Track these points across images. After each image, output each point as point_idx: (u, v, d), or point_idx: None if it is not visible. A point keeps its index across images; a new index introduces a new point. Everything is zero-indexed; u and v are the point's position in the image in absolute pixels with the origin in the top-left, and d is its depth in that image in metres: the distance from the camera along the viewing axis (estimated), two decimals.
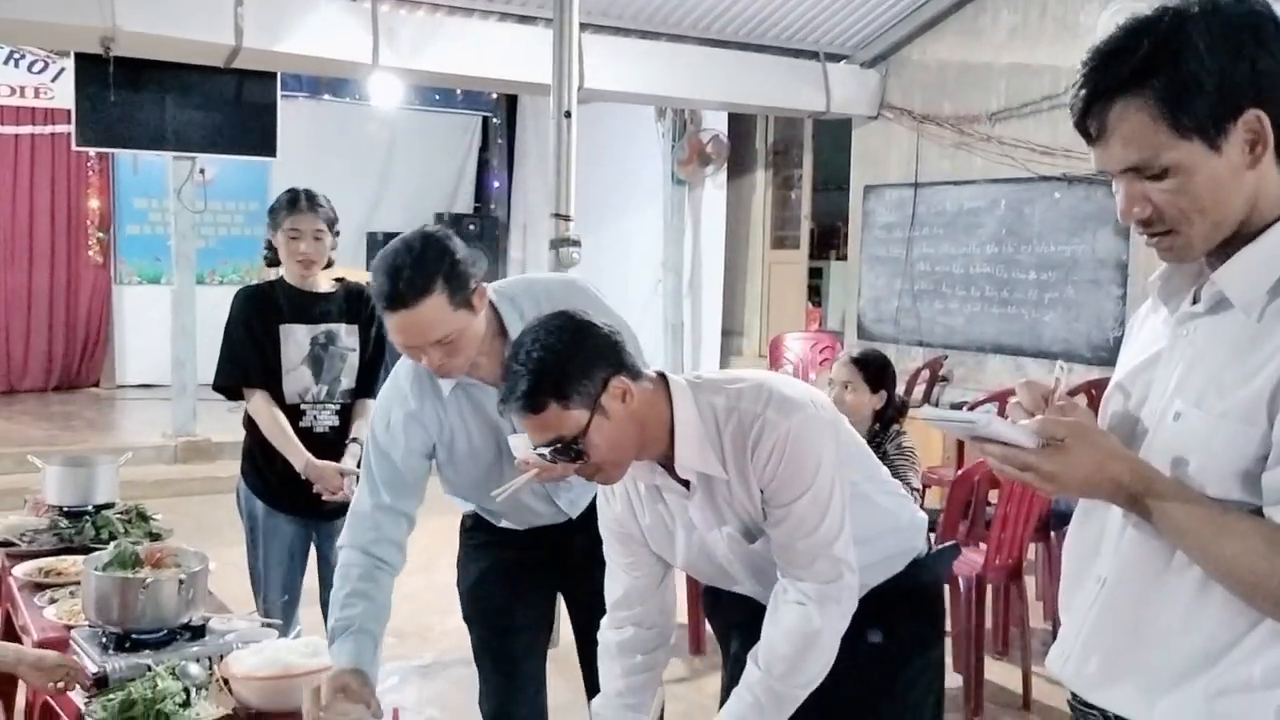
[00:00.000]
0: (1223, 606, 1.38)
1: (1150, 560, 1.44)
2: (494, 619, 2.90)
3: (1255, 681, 1.37)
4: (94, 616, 2.80)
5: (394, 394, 2.60)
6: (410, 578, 2.72)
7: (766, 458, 1.93)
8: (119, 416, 9.65)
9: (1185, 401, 1.42)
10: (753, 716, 1.95)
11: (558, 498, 2.72)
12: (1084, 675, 1.53)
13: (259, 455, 3.62)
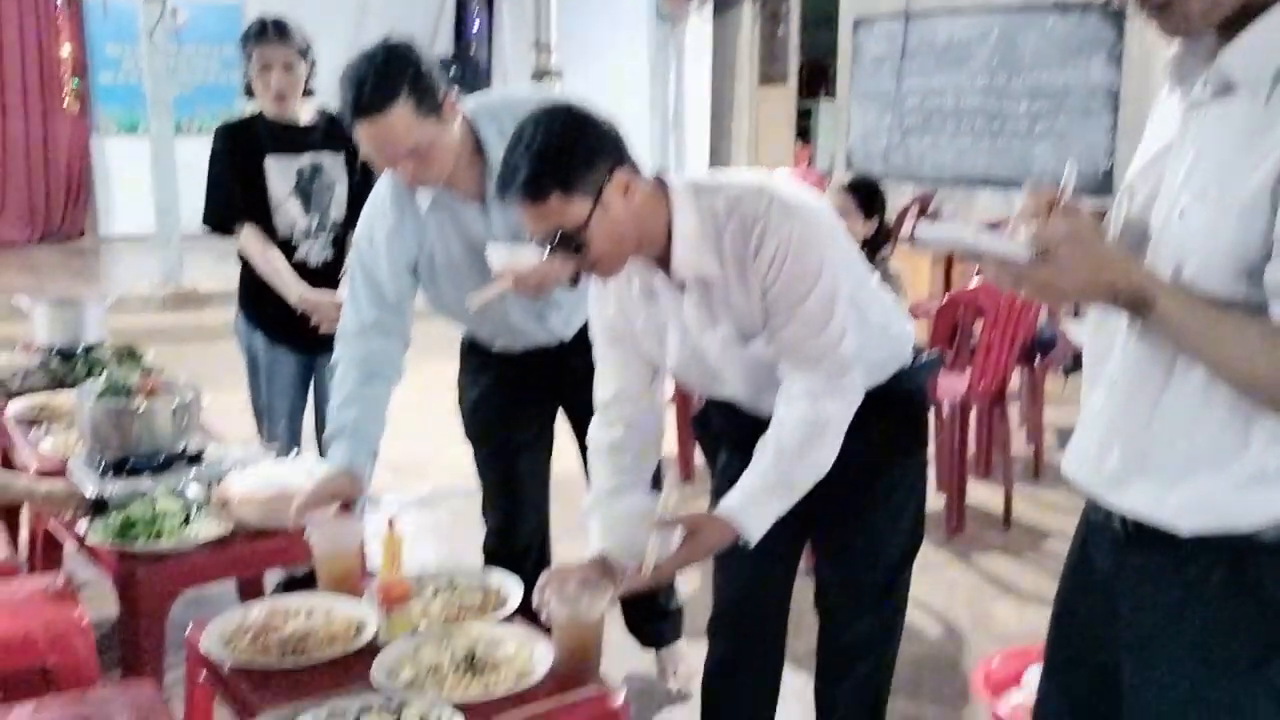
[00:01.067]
0: (1230, 404, 1.37)
1: (1155, 361, 1.44)
2: (495, 435, 2.96)
3: (1270, 475, 1.36)
4: (90, 444, 2.83)
5: (375, 210, 2.62)
6: (406, 414, 2.76)
7: (770, 260, 1.92)
8: (106, 267, 9.60)
9: (1191, 196, 1.38)
10: (762, 497, 1.99)
11: (547, 318, 2.73)
12: (1101, 475, 1.52)
13: (255, 290, 3.61)
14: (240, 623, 2.14)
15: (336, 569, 2.30)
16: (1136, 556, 1.51)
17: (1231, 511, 1.38)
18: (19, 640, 2.30)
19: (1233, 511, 1.38)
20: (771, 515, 1.99)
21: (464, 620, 2.15)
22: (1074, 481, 1.59)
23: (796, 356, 1.99)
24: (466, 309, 2.57)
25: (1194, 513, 1.40)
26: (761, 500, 1.99)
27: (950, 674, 3.30)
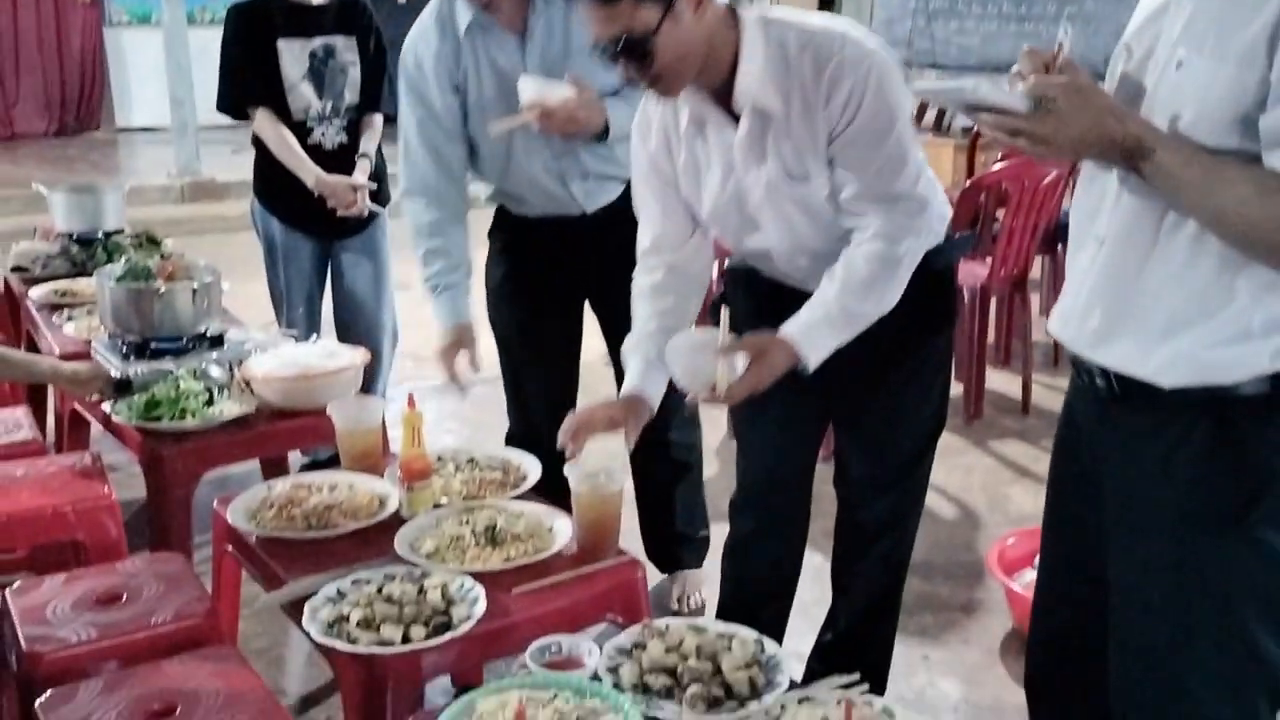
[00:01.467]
0: (1218, 261, 1.39)
1: (1145, 218, 1.44)
2: (517, 320, 2.92)
3: (1254, 330, 1.39)
4: (112, 327, 2.86)
5: (418, 34, 2.67)
6: (425, 306, 2.75)
7: (845, 101, 1.88)
8: (122, 159, 9.56)
9: (1188, 49, 1.38)
10: (823, 327, 1.97)
11: (569, 181, 2.69)
12: (1084, 333, 1.55)
13: (270, 175, 3.59)
14: (265, 497, 2.18)
15: (358, 446, 2.33)
16: (1120, 416, 1.53)
17: (1214, 366, 1.41)
18: (49, 515, 2.35)
19: (1215, 366, 1.41)
20: (830, 345, 1.97)
21: (484, 496, 2.18)
22: (1060, 339, 1.61)
23: (872, 197, 1.95)
24: (489, 135, 2.58)
25: (1176, 367, 1.43)
26: (823, 329, 1.97)
27: (965, 554, 3.34)
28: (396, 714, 1.72)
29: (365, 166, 3.56)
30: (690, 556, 3.08)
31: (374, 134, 3.64)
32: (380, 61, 3.64)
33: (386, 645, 1.70)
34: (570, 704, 1.51)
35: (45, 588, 2.03)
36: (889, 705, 1.56)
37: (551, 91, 2.45)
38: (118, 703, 1.69)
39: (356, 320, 3.71)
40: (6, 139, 9.88)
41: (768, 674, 1.64)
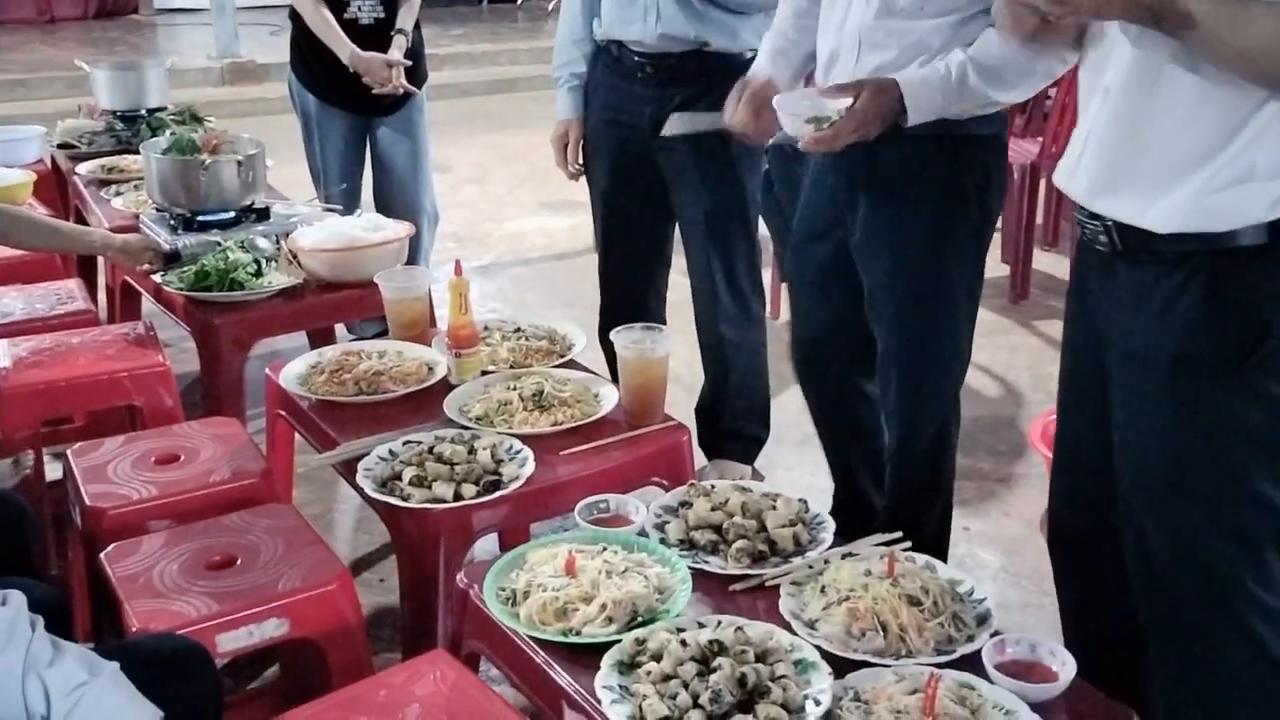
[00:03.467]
0: (1221, 101, 1.41)
1: (1149, 66, 1.46)
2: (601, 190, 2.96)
3: (1258, 171, 1.41)
4: (159, 200, 2.88)
5: None
6: (464, 188, 2.79)
7: None
8: (162, 40, 9.50)
9: None
10: (936, 86, 1.95)
11: (647, 13, 2.67)
12: (1087, 184, 1.57)
13: (307, 49, 3.57)
14: (316, 363, 2.21)
15: (406, 315, 2.35)
16: (1122, 270, 1.56)
17: (1212, 211, 1.43)
18: (105, 381, 2.40)
19: (1214, 211, 1.43)
20: (935, 108, 1.96)
21: (531, 364, 2.20)
22: (1064, 190, 1.63)
23: None
24: None
25: (1176, 214, 1.46)
26: (934, 89, 1.95)
27: (1008, 431, 3.35)
28: (449, 569, 1.77)
29: (401, 43, 3.53)
30: (736, 450, 3.07)
31: (411, 10, 3.59)
32: None
33: (439, 502, 1.74)
34: (619, 556, 1.55)
35: (105, 448, 2.09)
36: (931, 561, 1.59)
37: None
38: (180, 554, 1.75)
39: (395, 199, 3.71)
40: (47, 22, 9.84)
41: (811, 531, 1.67)
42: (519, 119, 7.34)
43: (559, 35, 2.91)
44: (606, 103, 2.86)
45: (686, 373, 3.06)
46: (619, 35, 2.76)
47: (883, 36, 1.99)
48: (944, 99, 1.96)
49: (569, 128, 2.90)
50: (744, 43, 2.68)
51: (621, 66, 2.78)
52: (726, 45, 2.69)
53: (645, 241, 2.98)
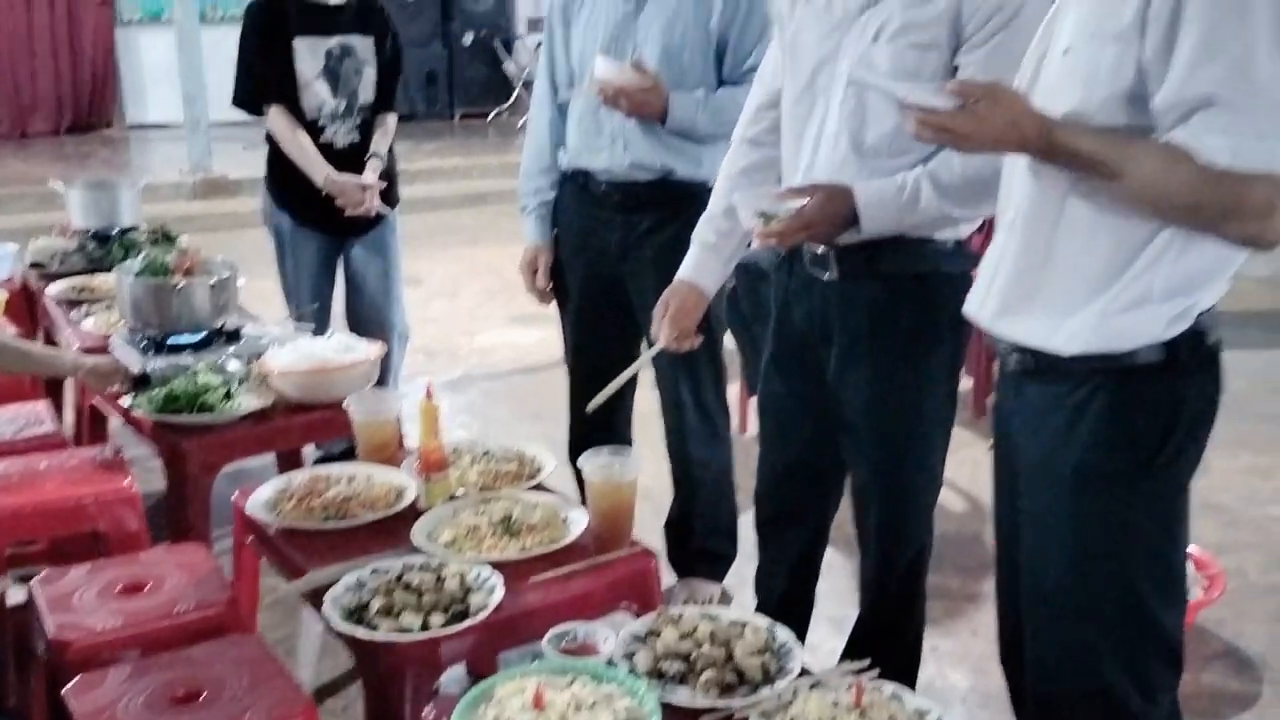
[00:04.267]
0: (1116, 230, 1.51)
1: (1049, 198, 1.56)
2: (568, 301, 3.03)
3: (1154, 293, 1.51)
4: (131, 321, 2.89)
5: None
6: (436, 302, 2.83)
7: (994, 8, 1.92)
8: (135, 156, 9.60)
9: (1075, 36, 1.52)
10: (892, 195, 2.01)
11: (603, 129, 2.77)
12: (993, 310, 1.66)
13: (282, 170, 3.63)
14: (284, 488, 2.21)
15: (375, 438, 2.36)
16: (1031, 390, 1.65)
17: (1114, 333, 1.53)
18: (71, 507, 2.39)
19: (1115, 333, 1.53)
20: (890, 218, 2.01)
21: (500, 487, 2.21)
22: (974, 319, 1.72)
23: None
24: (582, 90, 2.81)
25: (1079, 336, 1.55)
26: (890, 197, 2.01)
27: (975, 546, 3.37)
28: (416, 701, 1.76)
29: (376, 166, 3.60)
30: (705, 568, 3.09)
31: (386, 133, 3.67)
32: (396, 61, 3.68)
33: (406, 632, 1.74)
34: (587, 688, 1.54)
35: (70, 577, 2.07)
36: (899, 689, 1.59)
37: (619, 73, 2.63)
38: (144, 688, 1.74)
39: (367, 318, 3.75)
40: (20, 137, 9.93)
41: (780, 660, 1.68)
42: (489, 232, 7.46)
43: (524, 164, 2.98)
44: (574, 228, 2.92)
45: (655, 486, 3.07)
46: (586, 164, 2.83)
47: (852, 176, 2.05)
48: (899, 213, 2.02)
49: (538, 253, 2.96)
50: (707, 170, 2.76)
51: (588, 194, 2.86)
52: (691, 173, 2.77)
53: (614, 361, 3.01)
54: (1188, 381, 1.55)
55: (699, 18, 2.71)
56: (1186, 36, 1.38)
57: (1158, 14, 1.40)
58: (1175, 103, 1.40)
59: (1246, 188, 1.37)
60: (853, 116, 2.06)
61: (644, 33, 2.73)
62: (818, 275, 2.16)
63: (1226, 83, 1.36)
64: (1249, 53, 1.35)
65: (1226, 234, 1.43)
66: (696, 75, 2.72)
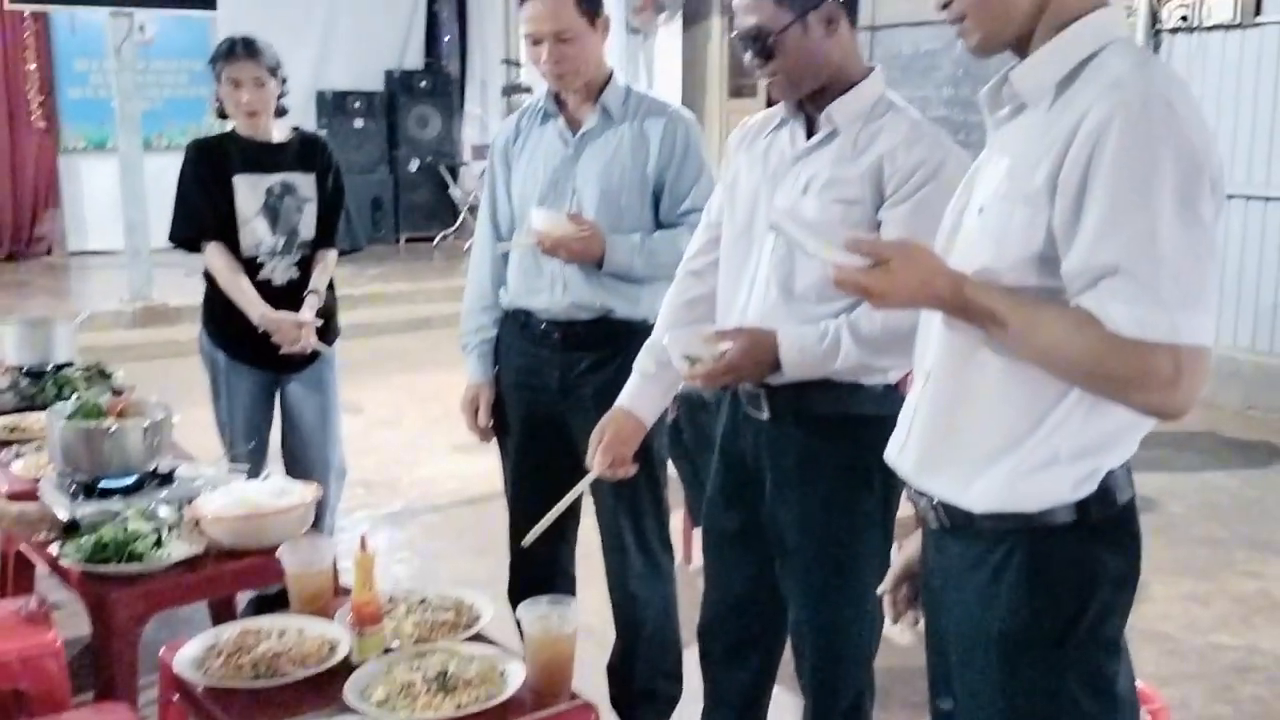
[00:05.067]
0: (1026, 389, 1.52)
1: (961, 354, 1.58)
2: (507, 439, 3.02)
3: (1062, 455, 1.52)
4: (61, 465, 2.84)
5: (503, 124, 3.02)
6: (377, 431, 2.80)
7: (917, 164, 2.03)
8: (75, 283, 9.54)
9: (988, 195, 1.55)
10: (813, 343, 2.06)
11: (543, 270, 2.80)
12: (911, 463, 1.68)
13: (218, 307, 3.62)
14: (213, 644, 2.16)
15: (308, 589, 2.32)
16: (950, 545, 1.65)
17: (1023, 494, 1.53)
18: None
19: (1024, 494, 1.53)
20: (811, 365, 2.07)
21: (436, 638, 2.17)
22: (894, 467, 1.73)
23: None
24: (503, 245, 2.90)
25: (989, 496, 1.55)
26: (812, 345, 2.06)
27: (921, 680, 3.32)
28: None
29: (314, 303, 3.59)
30: (649, 711, 3.04)
31: (326, 270, 3.68)
32: (338, 198, 3.70)
33: None
34: None
35: None
36: None
37: (556, 224, 2.67)
38: None
39: (303, 455, 3.71)
40: None
41: None
42: (432, 357, 7.44)
43: (466, 302, 3.00)
44: (515, 365, 2.93)
45: (598, 622, 3.03)
46: (526, 304, 2.86)
47: (781, 320, 2.10)
48: (820, 360, 2.08)
49: (479, 391, 2.96)
50: (645, 309, 2.79)
51: (529, 332, 2.87)
52: (629, 312, 2.80)
53: (554, 498, 3.00)
54: (1103, 542, 1.55)
55: (636, 161, 2.77)
56: (1093, 205, 1.40)
57: (1066, 181, 1.43)
58: (1082, 269, 1.42)
59: (1151, 357, 1.38)
60: (783, 263, 2.11)
61: (582, 177, 2.79)
62: (752, 414, 2.19)
63: (1131, 252, 1.38)
64: (1153, 223, 1.38)
65: (1131, 402, 1.44)
66: (634, 218, 2.77)
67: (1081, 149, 1.41)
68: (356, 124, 11.21)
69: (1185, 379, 1.38)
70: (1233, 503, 4.90)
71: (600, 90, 2.79)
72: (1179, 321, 1.38)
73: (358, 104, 11.24)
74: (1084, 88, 1.47)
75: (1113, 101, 1.41)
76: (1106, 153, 1.39)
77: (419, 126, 11.55)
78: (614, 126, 2.79)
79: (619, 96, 2.80)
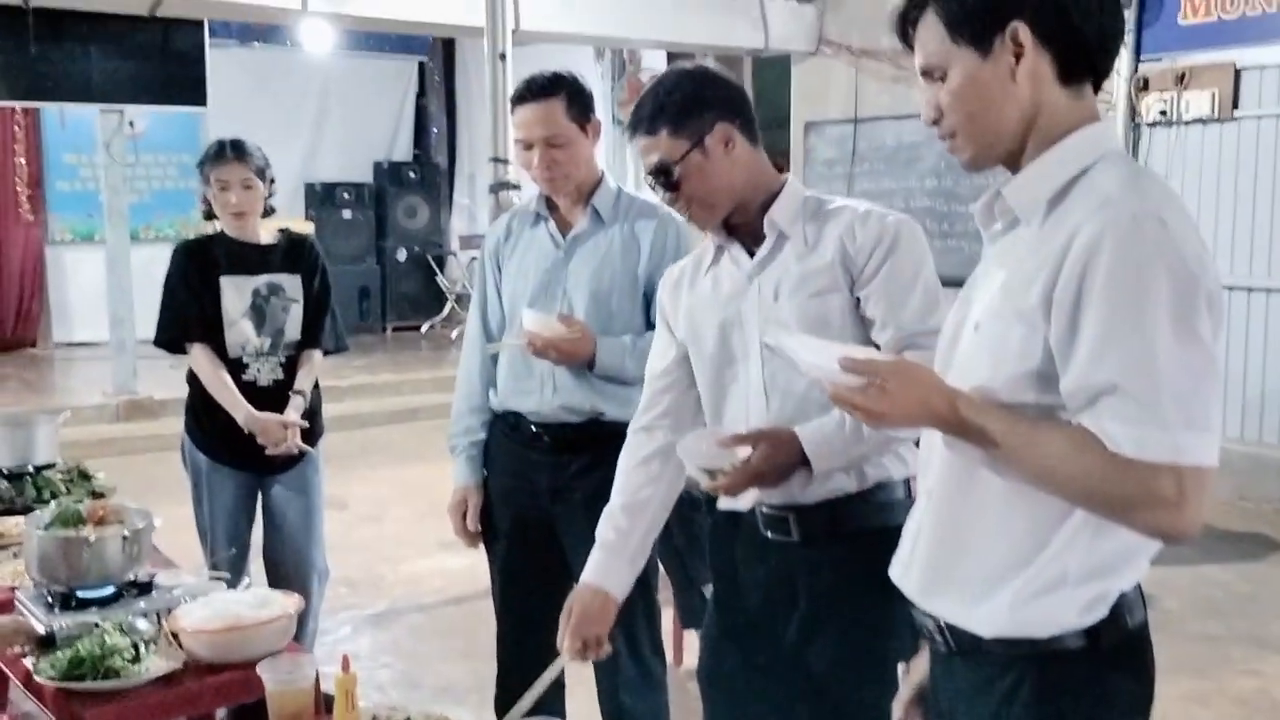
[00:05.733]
0: (1030, 509, 1.48)
1: (962, 472, 1.55)
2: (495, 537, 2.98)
3: (1069, 577, 1.48)
4: (38, 576, 2.77)
5: (493, 227, 3.06)
6: (362, 527, 2.75)
7: (874, 242, 2.06)
8: (58, 376, 9.50)
9: (983, 311, 1.54)
10: (831, 430, 2.02)
11: (533, 371, 2.79)
12: (915, 584, 1.64)
13: (202, 409, 3.58)
14: None
15: (289, 708, 2.25)
16: (958, 668, 1.60)
17: (1030, 620, 1.49)
18: None
19: (1031, 620, 1.49)
20: (838, 453, 2.03)
21: None
22: (899, 585, 1.68)
23: (904, 338, 2.04)
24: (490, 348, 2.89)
25: (996, 620, 1.51)
26: (834, 434, 2.03)
27: None
28: None
29: (298, 404, 3.56)
30: None
31: (311, 371, 3.65)
32: (324, 299, 3.68)
33: None
34: None
35: None
36: None
37: (546, 325, 2.67)
38: None
39: (286, 557, 3.65)
40: None
41: None
42: (419, 449, 7.38)
43: (456, 403, 2.98)
44: (504, 469, 2.89)
45: None
46: (515, 406, 2.83)
47: (789, 423, 2.08)
48: (844, 445, 2.03)
49: (467, 494, 2.92)
50: (636, 411, 2.76)
51: (519, 434, 2.84)
52: (620, 414, 2.76)
53: (544, 606, 2.93)
54: (1115, 667, 1.51)
55: (627, 264, 2.76)
56: (1088, 324, 1.39)
57: (1060, 299, 1.41)
58: (1080, 388, 1.40)
59: (1153, 478, 1.35)
60: (777, 375, 2.09)
61: (573, 279, 2.78)
62: (776, 538, 2.14)
63: (1128, 372, 1.36)
64: (1150, 342, 1.36)
65: (1135, 524, 1.40)
66: (624, 319, 2.76)
67: (1074, 267, 1.40)
68: (345, 215, 11.30)
69: (1190, 500, 1.35)
70: (1228, 597, 4.85)
71: (591, 193, 2.80)
72: (1181, 442, 1.35)
73: (346, 195, 11.34)
74: (1075, 204, 1.46)
75: (1104, 219, 1.39)
76: (1099, 271, 1.38)
77: (407, 217, 11.65)
78: (605, 229, 2.79)
79: (610, 199, 2.81)
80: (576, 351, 2.67)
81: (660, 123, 2.10)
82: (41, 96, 7.55)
